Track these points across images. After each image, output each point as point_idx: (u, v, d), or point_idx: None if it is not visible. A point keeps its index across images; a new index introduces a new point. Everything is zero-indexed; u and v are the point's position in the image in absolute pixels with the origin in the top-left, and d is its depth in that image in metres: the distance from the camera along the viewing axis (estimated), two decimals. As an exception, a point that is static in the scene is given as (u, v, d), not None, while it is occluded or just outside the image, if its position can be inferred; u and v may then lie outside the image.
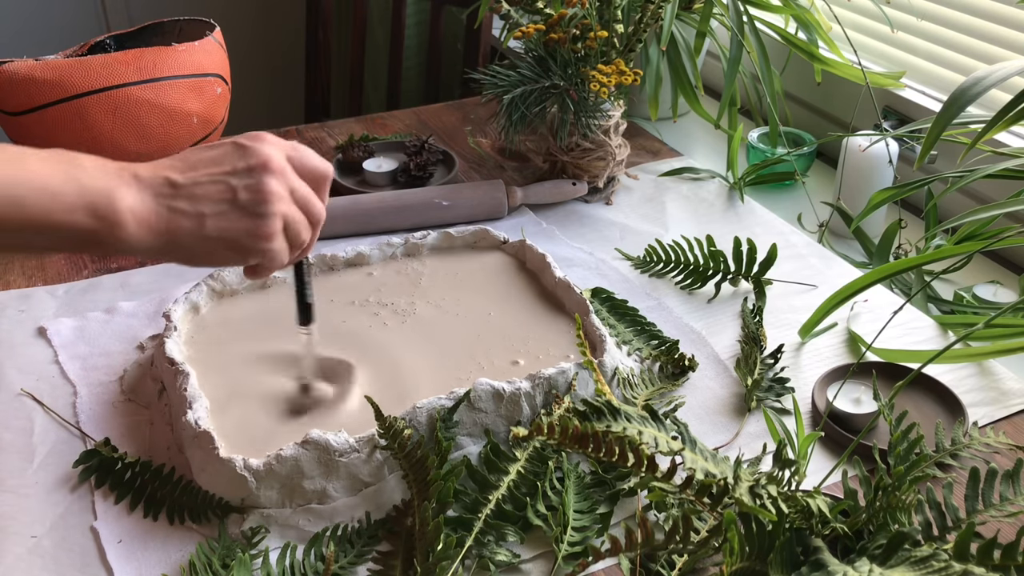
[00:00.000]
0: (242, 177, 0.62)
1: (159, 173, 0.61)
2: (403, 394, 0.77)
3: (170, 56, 1.05)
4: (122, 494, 0.71)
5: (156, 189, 0.61)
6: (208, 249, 0.62)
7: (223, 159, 0.63)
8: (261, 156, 0.63)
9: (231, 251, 0.63)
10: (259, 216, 0.62)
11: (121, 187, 0.59)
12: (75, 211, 0.57)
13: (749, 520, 0.56)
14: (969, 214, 0.83)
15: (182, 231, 0.61)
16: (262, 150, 0.63)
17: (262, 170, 0.62)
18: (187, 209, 0.61)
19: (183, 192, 0.61)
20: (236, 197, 0.62)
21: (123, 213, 0.59)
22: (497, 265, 0.95)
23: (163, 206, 0.61)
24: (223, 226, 0.62)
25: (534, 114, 1.05)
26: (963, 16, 1.16)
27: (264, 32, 2.37)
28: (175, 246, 0.62)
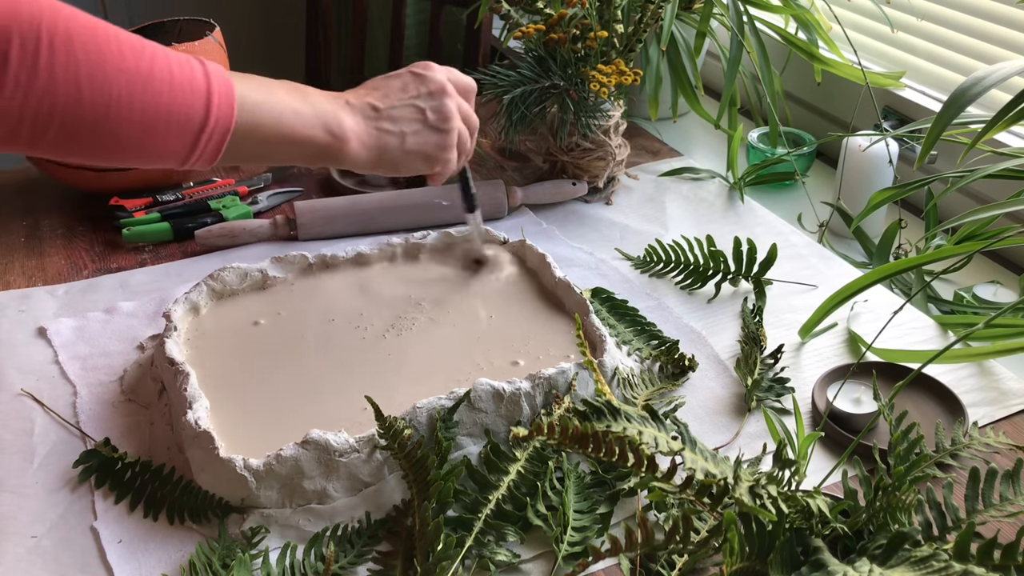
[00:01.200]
0: (427, 100, 0.76)
1: (363, 100, 0.75)
2: (403, 394, 0.77)
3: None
4: (122, 494, 0.71)
5: (364, 112, 0.74)
6: (408, 160, 0.76)
7: (407, 87, 0.77)
8: (438, 82, 0.77)
9: (424, 161, 0.77)
10: (445, 132, 0.77)
11: (342, 111, 0.73)
12: (315, 127, 0.70)
13: (749, 520, 0.56)
14: (969, 214, 0.83)
15: (390, 147, 0.75)
16: (437, 77, 0.77)
17: (441, 93, 0.77)
18: (391, 129, 0.75)
19: (384, 115, 0.75)
20: (426, 117, 0.76)
21: (348, 131, 0.72)
22: (496, 264, 0.95)
23: (372, 127, 0.74)
24: (420, 141, 0.76)
25: (534, 114, 1.05)
26: (963, 16, 1.16)
27: (264, 32, 2.37)
28: (383, 159, 0.75)
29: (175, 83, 0.63)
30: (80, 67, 0.59)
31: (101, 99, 0.60)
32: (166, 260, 1.02)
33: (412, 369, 0.81)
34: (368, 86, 0.77)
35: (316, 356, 0.82)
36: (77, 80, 0.59)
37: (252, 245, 1.04)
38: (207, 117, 0.64)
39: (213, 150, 0.66)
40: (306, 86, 0.73)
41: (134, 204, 1.07)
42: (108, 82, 0.60)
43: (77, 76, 0.59)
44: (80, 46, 0.59)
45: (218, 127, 0.65)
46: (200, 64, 0.65)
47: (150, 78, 0.62)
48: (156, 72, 0.62)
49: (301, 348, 0.83)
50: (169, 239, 1.05)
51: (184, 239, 1.05)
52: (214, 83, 0.65)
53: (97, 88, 0.59)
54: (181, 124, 0.63)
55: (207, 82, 0.64)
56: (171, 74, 0.63)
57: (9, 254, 1.02)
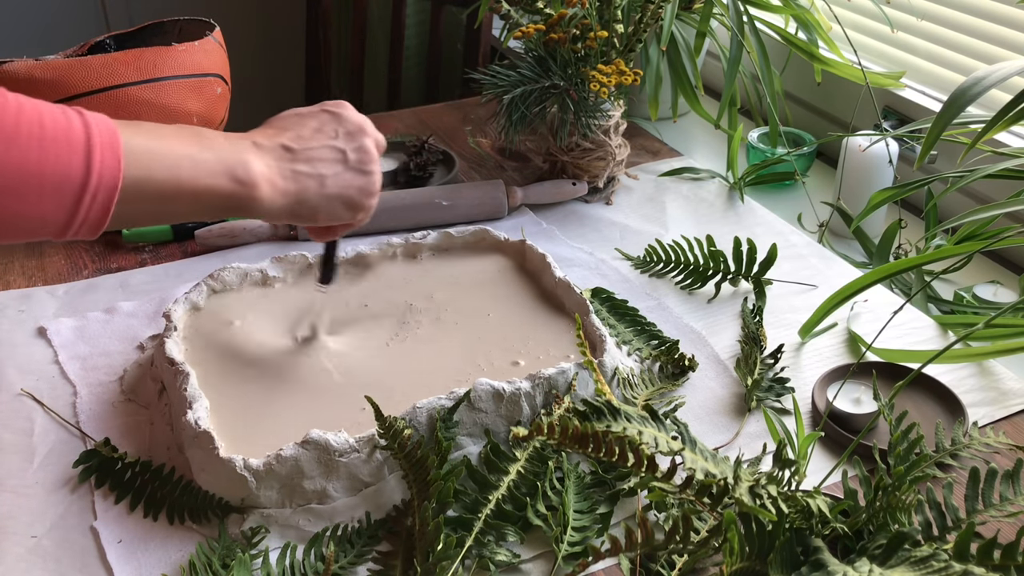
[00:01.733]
0: (346, 140, 0.70)
1: (274, 140, 0.68)
2: (403, 394, 0.77)
3: (170, 56, 1.05)
4: (122, 494, 0.71)
5: (276, 155, 0.67)
6: (330, 207, 0.70)
7: (324, 126, 0.70)
8: (356, 122, 0.72)
9: (346, 206, 0.71)
10: (367, 173, 0.71)
11: (248, 153, 0.65)
12: (217, 176, 0.63)
13: (749, 520, 0.56)
14: (969, 214, 0.83)
15: (308, 191, 0.68)
16: (353, 116, 0.72)
17: (361, 134, 0.71)
18: (309, 171, 0.68)
19: (300, 156, 0.68)
20: (347, 158, 0.70)
21: (256, 175, 0.65)
22: (497, 265, 0.95)
23: (286, 169, 0.67)
24: (341, 184, 0.69)
25: (534, 114, 1.05)
26: (963, 16, 1.16)
27: (264, 32, 2.37)
28: (301, 205, 0.68)
29: (46, 137, 0.54)
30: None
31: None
32: (166, 260, 1.02)
33: (412, 369, 0.81)
34: (277, 126, 0.70)
35: (315, 356, 0.82)
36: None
37: (252, 245, 1.04)
38: (88, 175, 0.55)
39: (98, 213, 0.57)
40: (205, 129, 0.66)
41: (134, 204, 1.07)
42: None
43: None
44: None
45: (103, 186, 0.56)
46: (77, 114, 0.57)
47: (15, 134, 0.53)
48: (23, 126, 0.54)
49: (301, 348, 0.83)
50: (169, 239, 1.05)
51: (184, 239, 1.05)
52: (95, 134, 0.56)
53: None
54: (57, 185, 0.55)
55: (86, 134, 0.56)
56: (41, 127, 0.54)
57: (9, 254, 1.02)
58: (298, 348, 0.83)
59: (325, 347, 0.83)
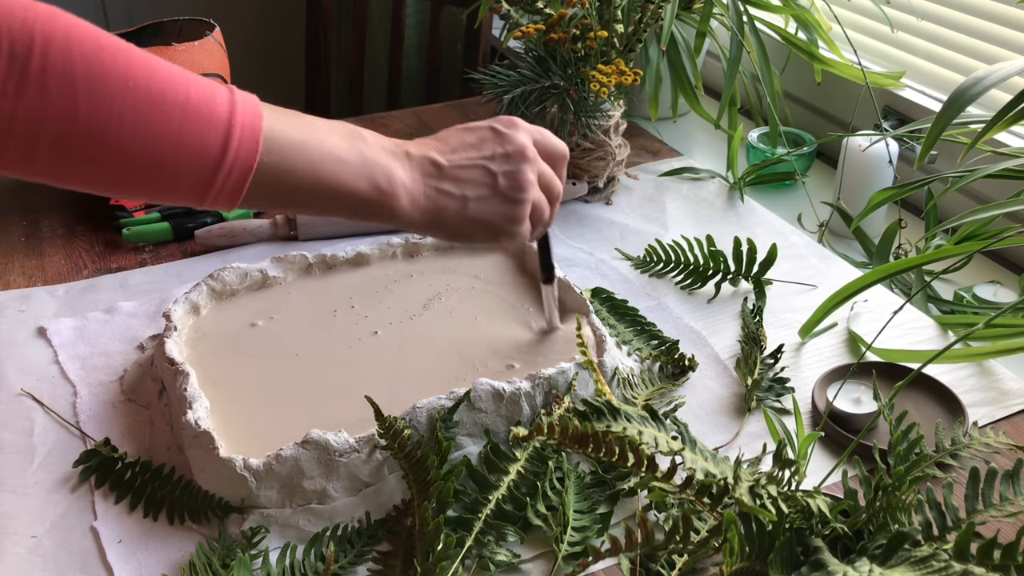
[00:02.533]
0: (501, 163, 0.67)
1: (426, 154, 0.66)
2: (403, 394, 0.77)
3: (170, 56, 1.04)
4: (122, 494, 0.71)
5: (424, 169, 0.65)
6: (468, 229, 0.67)
7: (482, 144, 0.67)
8: (518, 143, 0.67)
9: (486, 232, 0.68)
10: (515, 202, 0.67)
11: (396, 163, 0.64)
12: (359, 179, 0.62)
13: (749, 520, 0.56)
14: (969, 214, 0.83)
15: (447, 211, 0.66)
16: (518, 137, 0.68)
17: (519, 158, 0.67)
18: (452, 191, 0.66)
19: (447, 174, 0.66)
20: (496, 183, 0.67)
21: (398, 188, 0.63)
22: (497, 266, 0.95)
23: (430, 186, 0.65)
24: (483, 209, 0.67)
25: (534, 114, 1.05)
26: (963, 16, 1.16)
27: (264, 32, 2.37)
28: (439, 223, 0.66)
29: (190, 107, 0.55)
30: (77, 78, 0.52)
31: (99, 115, 0.53)
32: (166, 260, 1.02)
33: (412, 369, 0.81)
34: (439, 137, 0.68)
35: (316, 356, 0.82)
36: (72, 90, 0.52)
37: (252, 245, 1.04)
38: (224, 151, 0.56)
39: (232, 190, 0.58)
40: (365, 130, 0.65)
41: (134, 204, 1.07)
42: (109, 96, 0.53)
43: (73, 88, 0.52)
44: (79, 54, 0.52)
45: (237, 164, 0.57)
46: (227, 91, 0.57)
47: (160, 98, 0.54)
48: (169, 92, 0.55)
49: (301, 348, 0.83)
50: (169, 239, 1.05)
51: (184, 239, 1.05)
52: (238, 113, 0.57)
53: (96, 102, 0.52)
54: (193, 156, 0.56)
55: (229, 111, 0.56)
56: (187, 96, 0.55)
57: (9, 254, 1.02)
58: (299, 348, 0.83)
59: (325, 347, 0.83)
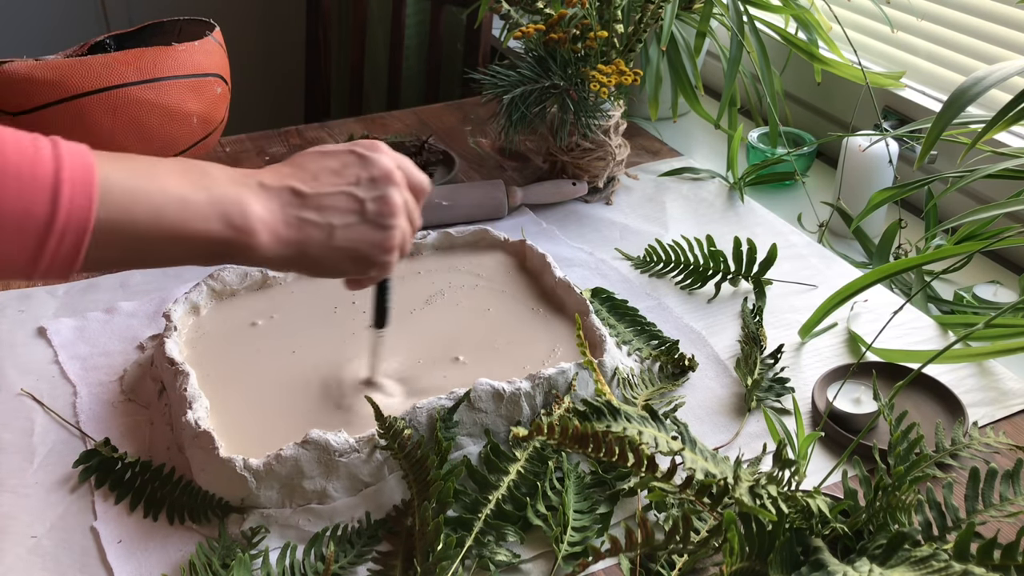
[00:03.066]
0: (367, 189, 0.62)
1: (284, 183, 0.61)
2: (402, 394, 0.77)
3: (170, 56, 1.04)
4: (122, 494, 0.71)
5: (282, 199, 0.60)
6: (335, 260, 0.63)
7: (345, 169, 0.63)
8: (383, 167, 0.63)
9: (355, 262, 0.63)
10: (385, 228, 0.63)
11: (249, 195, 0.59)
12: (209, 220, 0.57)
13: (749, 520, 0.56)
14: (969, 214, 0.83)
15: (312, 242, 0.61)
16: (383, 161, 0.63)
17: (386, 182, 0.63)
18: (316, 220, 0.61)
19: (310, 203, 0.61)
20: (364, 209, 0.62)
21: (254, 222, 0.58)
22: (497, 265, 0.95)
23: (292, 216, 0.60)
24: (352, 237, 0.62)
25: (534, 114, 1.05)
26: (963, 16, 1.16)
27: (264, 32, 2.37)
28: (304, 256, 0.61)
29: (8, 171, 0.49)
30: None
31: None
32: (166, 260, 1.02)
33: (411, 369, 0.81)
34: (295, 163, 0.63)
35: (316, 356, 0.82)
36: None
37: (252, 245, 1.04)
38: (54, 215, 0.50)
39: (67, 256, 0.52)
40: (208, 164, 0.60)
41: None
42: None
43: None
44: None
45: (71, 227, 0.51)
46: (50, 145, 0.51)
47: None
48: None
49: (301, 348, 0.83)
50: (169, 239, 1.04)
51: (184, 239, 1.05)
52: (66, 169, 0.51)
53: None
54: (17, 225, 0.50)
55: (55, 167, 0.51)
56: (3, 159, 0.49)
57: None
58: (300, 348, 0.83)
59: (325, 347, 0.83)
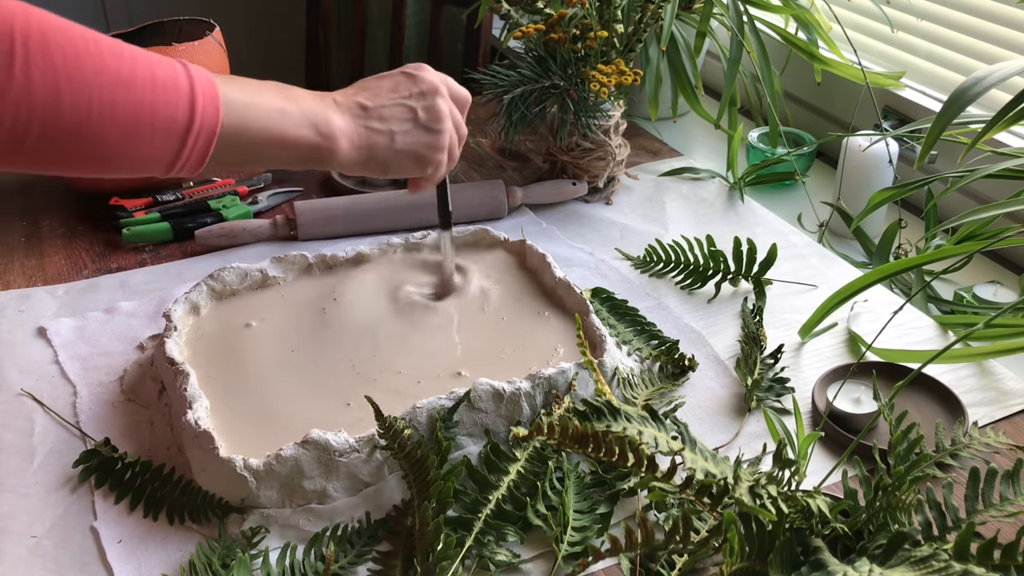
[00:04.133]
0: (418, 100, 0.74)
1: (351, 99, 0.73)
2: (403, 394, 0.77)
3: (170, 56, 1.04)
4: (122, 494, 0.71)
5: (352, 111, 0.72)
6: (399, 160, 0.74)
7: (398, 86, 0.75)
8: (430, 82, 0.75)
9: (414, 162, 0.75)
10: (436, 132, 0.75)
11: (329, 110, 0.71)
12: (303, 127, 0.69)
13: (749, 520, 0.56)
14: (969, 214, 0.83)
15: (379, 146, 0.73)
16: (429, 77, 0.75)
17: (434, 94, 0.75)
18: (380, 128, 0.73)
19: (373, 114, 0.73)
20: (417, 117, 0.74)
21: (336, 130, 0.70)
22: (497, 265, 0.95)
23: (361, 126, 0.72)
24: (410, 141, 0.74)
25: (534, 114, 1.05)
26: (963, 16, 1.16)
27: (264, 32, 2.37)
28: (373, 159, 0.73)
29: (157, 85, 0.61)
30: (58, 70, 0.56)
31: (82, 102, 0.57)
32: (166, 260, 1.02)
33: (412, 369, 0.81)
34: (358, 85, 0.75)
35: (316, 356, 0.82)
36: (56, 83, 0.56)
37: (252, 245, 1.04)
38: (192, 119, 0.62)
39: (199, 154, 0.64)
40: (292, 86, 0.71)
41: (134, 204, 1.07)
42: (88, 85, 0.57)
43: (56, 79, 0.56)
44: (57, 48, 0.56)
45: (204, 129, 0.63)
46: (182, 66, 0.63)
47: (131, 80, 0.59)
48: (138, 74, 0.60)
49: (301, 348, 0.83)
50: (169, 239, 1.05)
51: (184, 239, 1.05)
52: (197, 84, 0.63)
53: (77, 91, 0.57)
54: (166, 127, 0.61)
55: (190, 83, 0.62)
56: (153, 76, 0.61)
57: (9, 254, 1.02)
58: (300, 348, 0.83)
59: (325, 347, 0.83)
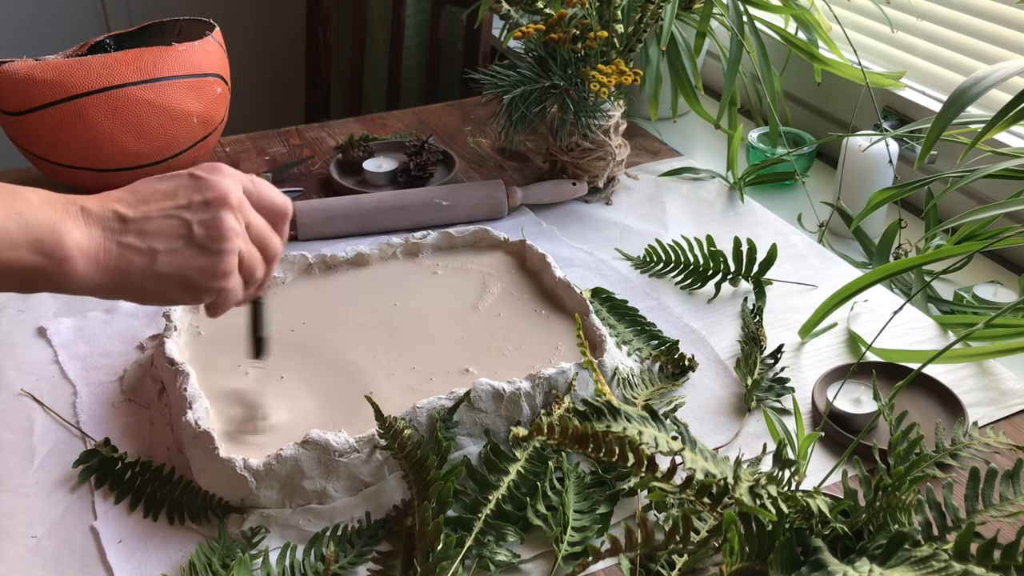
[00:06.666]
0: (197, 211, 0.60)
1: (108, 206, 0.59)
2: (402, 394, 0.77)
3: (170, 56, 1.05)
4: (122, 494, 0.71)
5: (105, 223, 0.58)
6: (160, 287, 0.60)
7: (177, 192, 0.60)
8: (218, 190, 0.60)
9: (184, 289, 0.61)
10: (215, 253, 0.60)
11: (67, 221, 0.57)
12: (17, 247, 0.54)
13: (749, 520, 0.56)
14: (969, 214, 0.83)
15: (133, 268, 0.58)
16: (219, 183, 0.60)
17: (219, 204, 0.60)
18: (138, 245, 0.58)
19: (133, 227, 0.59)
20: (191, 233, 0.59)
21: (70, 249, 0.56)
22: (497, 265, 0.95)
23: (112, 241, 0.58)
24: (177, 263, 0.59)
25: (534, 114, 1.05)
26: (963, 16, 1.16)
27: (264, 32, 2.37)
28: (125, 283, 0.59)
29: None
30: None
31: None
32: (166, 260, 1.02)
33: (412, 369, 0.81)
34: (129, 188, 0.61)
35: (316, 356, 0.82)
36: None
37: (252, 245, 1.04)
38: None
39: None
40: (28, 189, 0.57)
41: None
42: None
43: None
44: None
45: None
46: None
47: None
48: None
49: (301, 348, 0.83)
50: (169, 239, 1.04)
51: (184, 239, 1.04)
52: None
53: None
54: None
55: None
56: None
57: None
58: (299, 348, 0.83)
59: (325, 347, 0.83)
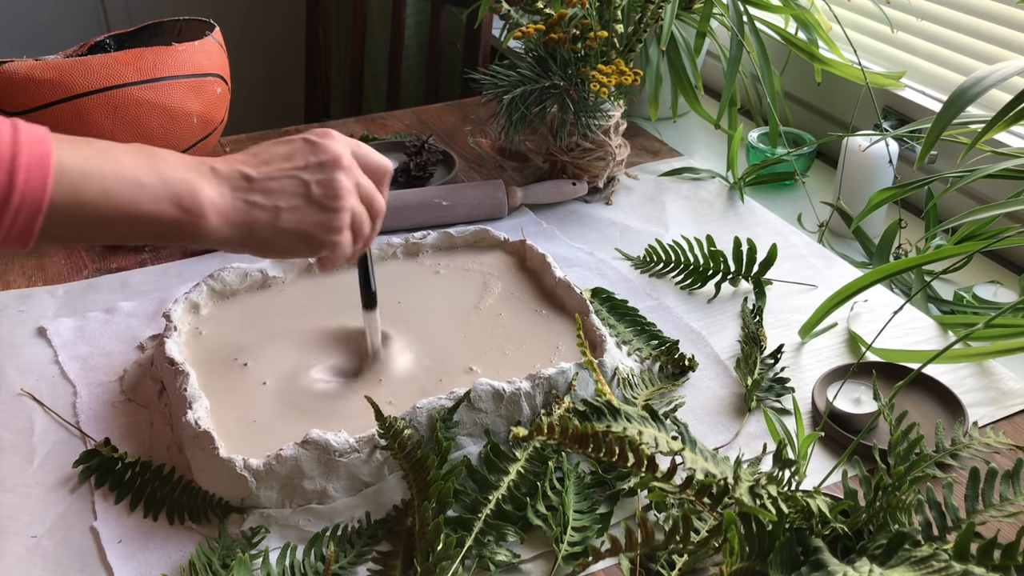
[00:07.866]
0: (314, 172, 0.65)
1: (234, 167, 0.64)
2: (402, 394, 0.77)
3: (170, 56, 1.05)
4: (122, 494, 0.71)
5: (233, 183, 0.63)
6: (283, 241, 0.65)
7: (294, 154, 0.65)
8: (332, 152, 0.65)
9: (303, 243, 0.66)
10: (331, 210, 0.65)
11: (201, 180, 0.61)
12: (161, 202, 0.59)
13: (749, 520, 0.56)
14: (969, 214, 0.83)
15: (259, 223, 0.63)
16: (332, 146, 0.66)
17: (333, 166, 0.65)
18: (263, 202, 0.63)
19: (258, 186, 0.64)
20: (309, 192, 0.64)
21: (204, 205, 0.61)
22: (498, 265, 0.95)
23: (240, 199, 0.63)
24: (297, 219, 0.64)
25: (534, 114, 1.05)
26: (963, 16, 1.16)
27: (264, 32, 2.37)
28: (252, 238, 0.64)
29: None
30: None
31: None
32: (166, 260, 1.02)
33: (412, 369, 0.81)
34: (250, 151, 0.66)
35: (316, 356, 0.82)
36: None
37: (252, 245, 1.04)
38: (9, 192, 0.53)
39: (21, 231, 0.55)
40: (164, 151, 0.62)
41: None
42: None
43: None
44: None
45: (26, 204, 0.54)
46: (10, 129, 0.55)
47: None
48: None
49: (301, 348, 0.83)
50: (169, 239, 1.04)
51: (184, 239, 1.05)
52: (23, 150, 0.54)
53: None
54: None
55: (12, 150, 0.54)
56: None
57: (9, 254, 1.02)
58: (299, 348, 0.83)
59: (325, 347, 0.83)
